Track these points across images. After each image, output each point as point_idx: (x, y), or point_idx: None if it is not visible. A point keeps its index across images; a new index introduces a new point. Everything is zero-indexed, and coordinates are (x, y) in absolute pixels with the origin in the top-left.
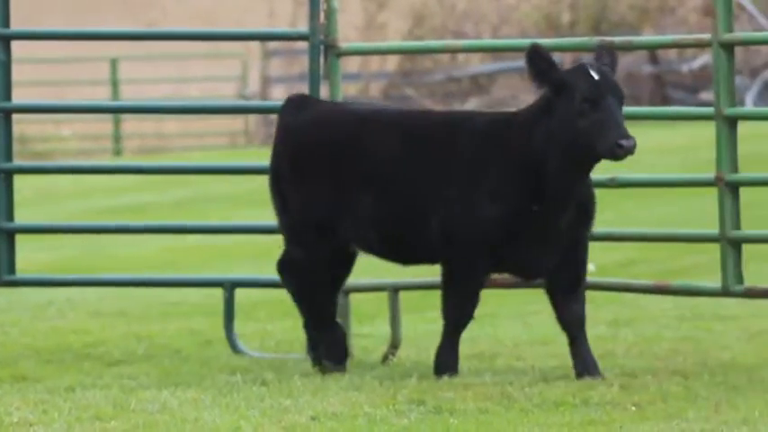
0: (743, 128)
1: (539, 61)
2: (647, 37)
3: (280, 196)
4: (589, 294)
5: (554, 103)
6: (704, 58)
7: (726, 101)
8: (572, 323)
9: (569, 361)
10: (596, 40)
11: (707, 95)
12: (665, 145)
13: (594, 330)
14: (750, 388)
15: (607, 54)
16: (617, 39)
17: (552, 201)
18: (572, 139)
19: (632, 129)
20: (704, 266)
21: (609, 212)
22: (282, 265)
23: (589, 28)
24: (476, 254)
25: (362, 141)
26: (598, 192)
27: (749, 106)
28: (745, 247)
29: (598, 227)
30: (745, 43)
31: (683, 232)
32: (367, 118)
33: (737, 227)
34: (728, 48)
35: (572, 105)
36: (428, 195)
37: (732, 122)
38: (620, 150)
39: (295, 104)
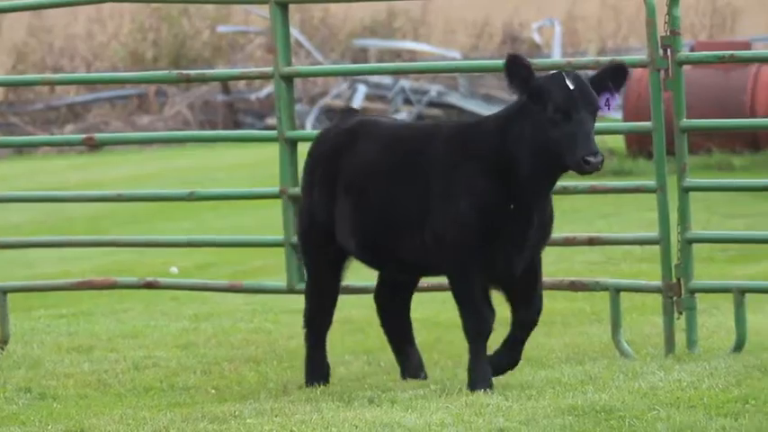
0: (303, 148)
1: (517, 68)
2: (220, 70)
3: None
4: (172, 293)
5: (529, 108)
6: (269, 88)
7: (287, 125)
8: (523, 325)
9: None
10: (175, 72)
11: (272, 120)
12: (237, 163)
13: (178, 324)
14: None
15: (618, 70)
16: (193, 72)
17: (525, 201)
18: (541, 147)
19: (209, 150)
20: (272, 268)
21: (188, 222)
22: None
23: (170, 63)
24: (466, 257)
25: (352, 151)
26: (176, 205)
27: (309, 129)
28: None
29: (179, 234)
30: (303, 75)
31: (253, 238)
32: (361, 130)
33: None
34: (288, 79)
35: (545, 114)
36: (407, 205)
37: (293, 144)
38: (586, 166)
39: (338, 119)
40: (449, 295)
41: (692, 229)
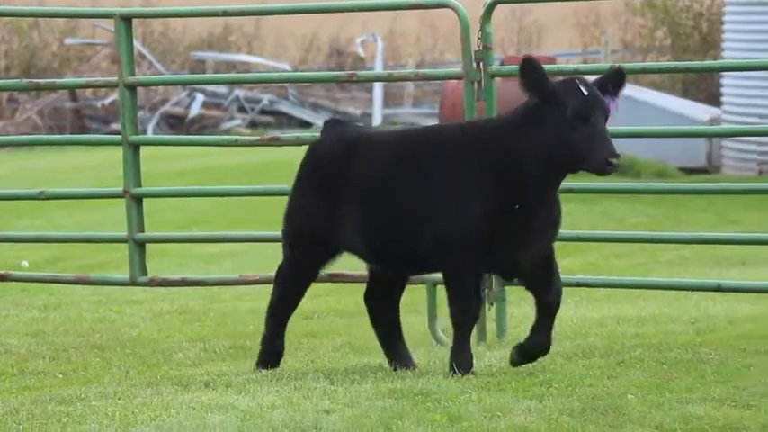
0: (145, 151)
1: (531, 72)
2: (68, 79)
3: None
4: (23, 285)
5: (543, 112)
6: (114, 96)
7: (130, 130)
8: (547, 309)
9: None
10: (26, 81)
11: (117, 126)
12: (84, 165)
13: (28, 314)
14: (153, 357)
15: (617, 75)
16: (43, 81)
17: (530, 202)
18: (560, 150)
19: (58, 153)
20: (117, 261)
21: (39, 219)
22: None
23: (21, 72)
24: (467, 255)
25: (359, 159)
26: (27, 203)
27: (150, 134)
28: (148, 246)
29: (30, 230)
30: (145, 84)
31: (98, 234)
32: (366, 138)
33: (141, 230)
34: (131, 88)
35: (563, 118)
36: (416, 206)
37: (136, 147)
38: (610, 168)
39: (327, 126)
40: None
41: None
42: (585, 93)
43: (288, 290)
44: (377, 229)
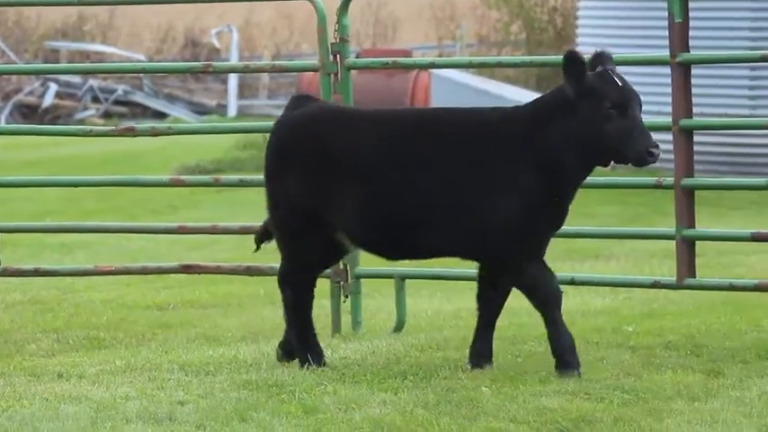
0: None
1: (575, 65)
2: None
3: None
4: None
5: (577, 104)
6: None
7: None
8: (495, 306)
9: None
10: None
11: None
12: None
13: None
14: (5, 348)
15: (608, 60)
16: None
17: (565, 193)
18: (596, 142)
19: None
20: None
21: None
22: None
23: None
24: (527, 245)
25: (354, 138)
26: None
27: (3, 123)
28: (0, 236)
29: None
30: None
31: None
32: (360, 117)
33: None
34: None
35: (599, 110)
36: (436, 194)
37: None
38: (650, 158)
39: (293, 103)
40: (134, 278)
41: None
42: (620, 84)
43: (298, 287)
44: (381, 212)
